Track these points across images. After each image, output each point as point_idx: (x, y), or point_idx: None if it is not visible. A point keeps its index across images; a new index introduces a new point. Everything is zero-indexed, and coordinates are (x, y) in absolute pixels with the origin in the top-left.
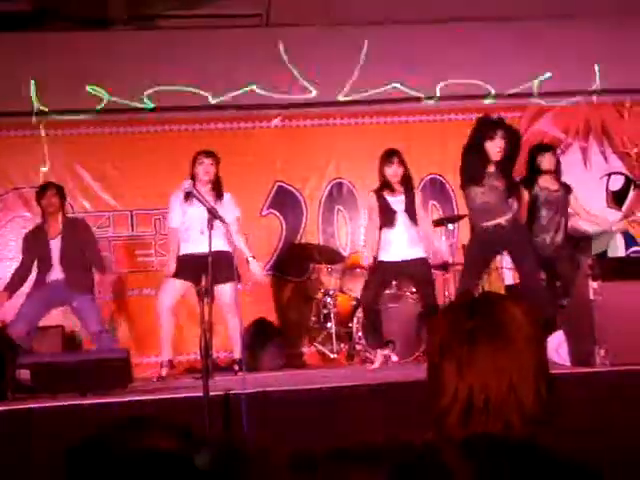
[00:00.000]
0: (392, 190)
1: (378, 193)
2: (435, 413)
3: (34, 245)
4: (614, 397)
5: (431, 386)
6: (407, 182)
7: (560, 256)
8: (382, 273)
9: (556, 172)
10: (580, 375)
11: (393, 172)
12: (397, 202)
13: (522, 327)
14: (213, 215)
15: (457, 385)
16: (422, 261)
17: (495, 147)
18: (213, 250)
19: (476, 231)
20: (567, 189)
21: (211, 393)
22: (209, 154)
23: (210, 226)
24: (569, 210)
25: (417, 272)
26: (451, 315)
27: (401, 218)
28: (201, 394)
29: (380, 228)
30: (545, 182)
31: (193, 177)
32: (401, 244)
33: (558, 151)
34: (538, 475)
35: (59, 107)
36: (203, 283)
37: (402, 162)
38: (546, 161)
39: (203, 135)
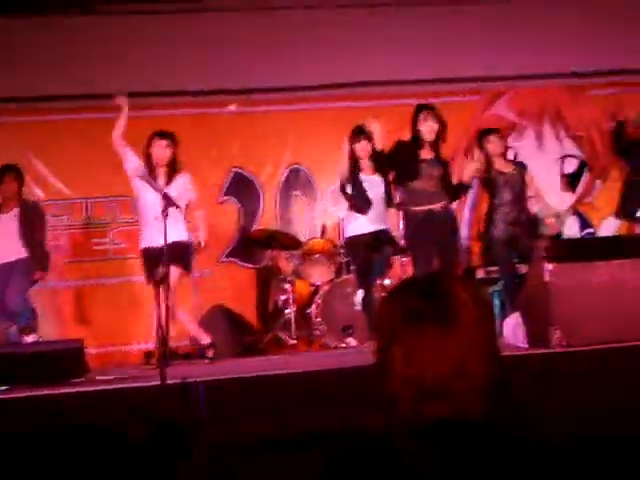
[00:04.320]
0: (364, 169)
1: (354, 175)
2: (386, 398)
3: None
4: (570, 377)
5: (380, 371)
6: (379, 161)
7: (520, 236)
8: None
9: (506, 153)
10: (536, 356)
11: (363, 148)
12: (372, 183)
13: (470, 308)
14: (167, 202)
15: (407, 369)
16: (386, 232)
17: (427, 127)
18: (169, 241)
19: (408, 216)
20: (522, 168)
21: (168, 381)
22: (164, 135)
23: (165, 214)
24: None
25: (381, 243)
26: (399, 298)
27: (376, 203)
28: (158, 382)
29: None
30: (498, 165)
31: (148, 159)
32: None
33: (511, 134)
34: (495, 457)
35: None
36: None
37: (371, 139)
38: (493, 144)
39: (156, 121)
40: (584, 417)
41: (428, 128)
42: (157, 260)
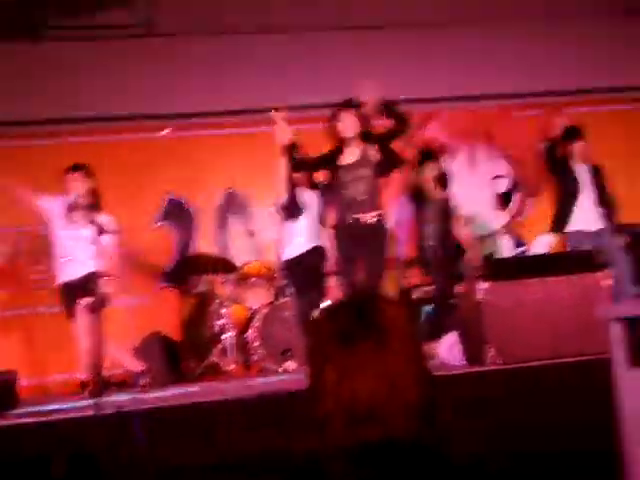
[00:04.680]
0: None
1: (290, 190)
2: (318, 420)
3: None
4: (505, 395)
5: (312, 392)
6: (312, 178)
7: (445, 261)
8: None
9: (441, 180)
10: (472, 374)
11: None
12: (308, 200)
13: (401, 327)
14: (98, 231)
15: (339, 390)
16: (322, 250)
17: (345, 125)
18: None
19: (338, 226)
20: (449, 197)
21: (102, 411)
22: (77, 168)
23: (85, 246)
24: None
25: (317, 261)
26: (330, 320)
27: (309, 218)
28: (92, 413)
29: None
30: (430, 191)
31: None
32: (306, 244)
33: (444, 158)
34: (427, 478)
35: None
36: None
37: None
38: (429, 169)
39: (87, 148)
40: (517, 435)
41: (348, 124)
42: (76, 293)
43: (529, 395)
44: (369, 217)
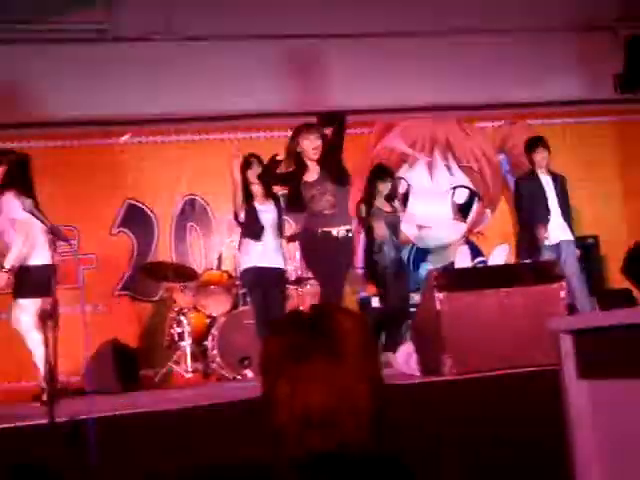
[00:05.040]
0: (257, 196)
1: (248, 202)
2: (272, 431)
3: None
4: (461, 405)
5: (266, 403)
6: (269, 189)
7: (392, 273)
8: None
9: (392, 195)
10: (428, 384)
11: (255, 175)
12: (266, 210)
13: (355, 339)
14: (55, 234)
15: (292, 402)
16: (282, 272)
17: (311, 146)
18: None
19: (306, 237)
20: (398, 210)
21: (57, 419)
22: None
23: (53, 247)
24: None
25: (277, 282)
26: (283, 332)
27: (268, 231)
28: (46, 421)
29: (244, 237)
30: (381, 203)
31: None
32: (266, 254)
33: (401, 170)
34: None
35: None
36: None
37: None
38: (383, 185)
39: (45, 153)
40: (471, 444)
41: (310, 145)
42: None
43: (482, 405)
44: (337, 231)
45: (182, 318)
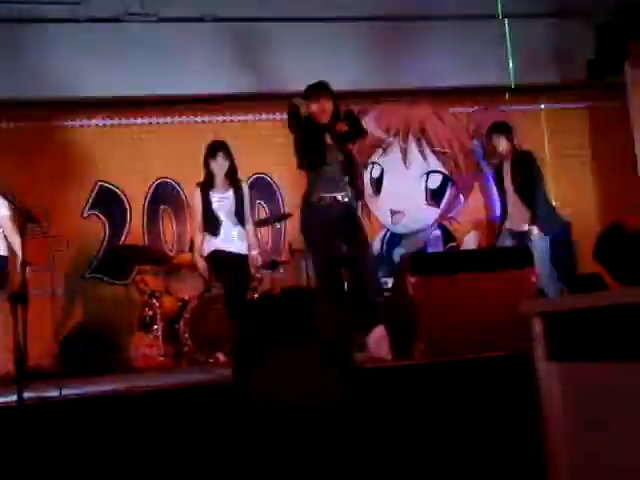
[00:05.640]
0: (217, 186)
1: (203, 190)
2: (243, 412)
3: None
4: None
5: (239, 388)
6: (233, 177)
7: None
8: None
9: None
10: (399, 368)
11: (219, 166)
12: (223, 200)
13: (325, 321)
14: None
15: (265, 386)
16: (244, 258)
17: (320, 109)
18: None
19: (310, 207)
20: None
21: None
22: None
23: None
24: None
25: (239, 267)
26: (256, 316)
27: (226, 221)
28: (15, 402)
29: (204, 230)
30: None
31: None
32: (226, 242)
33: (375, 155)
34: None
35: None
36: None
37: (229, 155)
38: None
39: (20, 132)
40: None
41: (326, 108)
42: None
43: (455, 389)
44: (341, 196)
45: (154, 301)
